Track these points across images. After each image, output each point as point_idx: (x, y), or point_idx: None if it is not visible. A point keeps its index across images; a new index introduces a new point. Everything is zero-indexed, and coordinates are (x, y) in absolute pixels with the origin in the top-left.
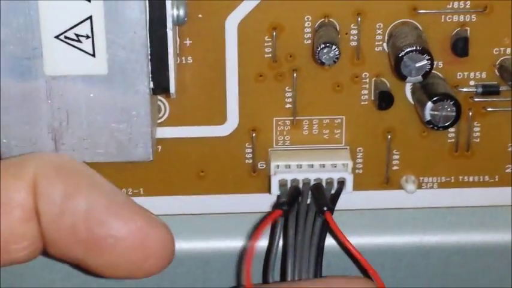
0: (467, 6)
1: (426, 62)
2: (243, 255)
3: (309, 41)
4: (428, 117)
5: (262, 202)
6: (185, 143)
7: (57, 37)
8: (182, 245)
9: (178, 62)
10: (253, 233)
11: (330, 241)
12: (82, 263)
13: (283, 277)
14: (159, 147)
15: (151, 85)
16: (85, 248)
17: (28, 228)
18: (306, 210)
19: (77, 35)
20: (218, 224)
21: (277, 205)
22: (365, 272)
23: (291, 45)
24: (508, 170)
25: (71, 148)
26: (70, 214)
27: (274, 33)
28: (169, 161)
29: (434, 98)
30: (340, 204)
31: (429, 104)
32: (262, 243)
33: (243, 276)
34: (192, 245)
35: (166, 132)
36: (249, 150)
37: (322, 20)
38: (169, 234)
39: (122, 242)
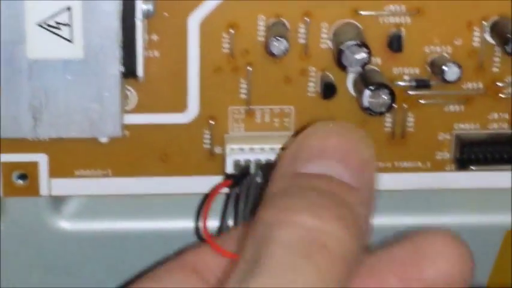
0: (403, 9)
1: (364, 54)
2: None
3: (263, 38)
4: (366, 104)
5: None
6: (150, 128)
7: (39, 24)
8: (145, 223)
9: (146, 55)
10: (206, 200)
11: None
12: None
13: None
14: (127, 132)
15: (122, 69)
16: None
17: None
18: (256, 188)
19: (57, 23)
20: (177, 203)
21: (226, 177)
22: None
23: (246, 42)
24: (438, 157)
25: (48, 124)
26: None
27: (232, 31)
28: (136, 145)
29: (372, 86)
30: None
31: (367, 92)
32: (214, 221)
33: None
34: (152, 223)
35: (133, 119)
36: (207, 136)
37: (274, 19)
38: None
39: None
